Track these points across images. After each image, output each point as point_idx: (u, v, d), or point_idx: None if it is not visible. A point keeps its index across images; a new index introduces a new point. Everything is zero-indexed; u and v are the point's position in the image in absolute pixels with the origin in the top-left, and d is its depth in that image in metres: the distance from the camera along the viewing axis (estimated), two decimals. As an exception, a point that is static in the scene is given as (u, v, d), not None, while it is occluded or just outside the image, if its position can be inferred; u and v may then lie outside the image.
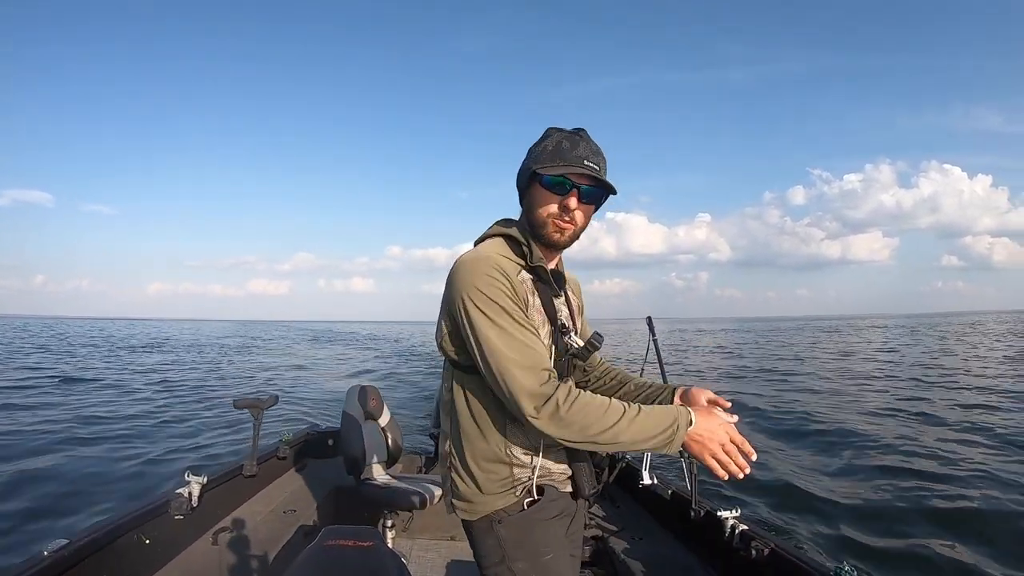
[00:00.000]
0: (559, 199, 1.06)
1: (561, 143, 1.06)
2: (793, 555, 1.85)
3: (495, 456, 1.07)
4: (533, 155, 1.09)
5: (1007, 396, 9.84)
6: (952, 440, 6.71)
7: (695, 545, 2.34)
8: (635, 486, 2.54)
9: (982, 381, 12.09)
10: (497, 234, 1.14)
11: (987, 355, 18.09)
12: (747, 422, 8.39)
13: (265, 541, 2.35)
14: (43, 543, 1.67)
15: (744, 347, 28.50)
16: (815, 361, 18.57)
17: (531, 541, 1.06)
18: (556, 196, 1.06)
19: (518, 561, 1.05)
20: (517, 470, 1.07)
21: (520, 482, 1.08)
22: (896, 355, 20.40)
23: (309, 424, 4.36)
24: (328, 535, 1.21)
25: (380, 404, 3.11)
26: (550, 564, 1.07)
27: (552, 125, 1.12)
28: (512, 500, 1.07)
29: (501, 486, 1.07)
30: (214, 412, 7.93)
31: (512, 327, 0.98)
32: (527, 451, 1.08)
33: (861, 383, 12.41)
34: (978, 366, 15.45)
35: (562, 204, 1.06)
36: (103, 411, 7.95)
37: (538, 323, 1.06)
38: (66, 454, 5.61)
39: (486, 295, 0.99)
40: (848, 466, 5.84)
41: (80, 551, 1.72)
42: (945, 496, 4.74)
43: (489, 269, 1.00)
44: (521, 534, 1.06)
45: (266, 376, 12.95)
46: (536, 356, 0.98)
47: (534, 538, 1.07)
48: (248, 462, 2.81)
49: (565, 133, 1.08)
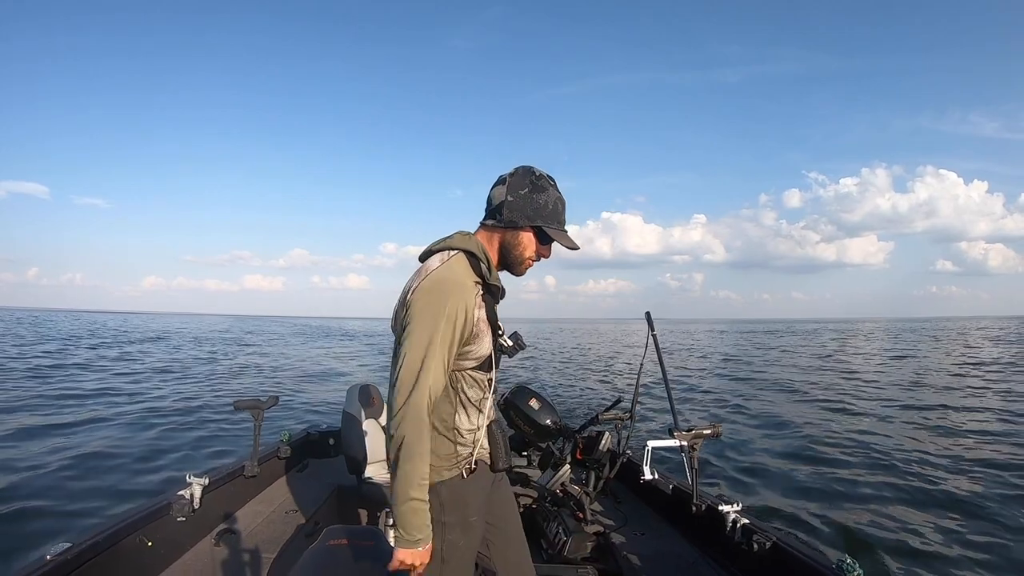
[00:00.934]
0: (542, 249, 1.36)
1: (557, 204, 1.33)
2: (795, 548, 1.85)
3: (443, 432, 1.31)
4: (533, 206, 1.31)
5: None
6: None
7: (697, 539, 2.35)
8: (636, 482, 2.54)
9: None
10: (461, 248, 1.31)
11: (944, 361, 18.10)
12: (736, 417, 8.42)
13: (267, 541, 2.35)
14: (45, 547, 1.67)
15: (724, 348, 28.49)
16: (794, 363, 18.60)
17: (463, 504, 1.33)
18: (542, 247, 1.35)
19: (451, 516, 1.31)
20: (460, 447, 1.33)
21: (462, 457, 1.33)
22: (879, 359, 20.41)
23: (309, 424, 4.37)
24: (330, 535, 1.21)
25: (380, 403, 3.11)
26: (474, 524, 1.36)
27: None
28: (456, 472, 1.33)
29: (447, 460, 1.31)
30: (214, 413, 7.92)
31: (441, 351, 1.20)
32: (469, 430, 1.34)
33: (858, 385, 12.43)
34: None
35: (540, 253, 1.36)
36: (103, 410, 7.94)
37: (483, 331, 1.30)
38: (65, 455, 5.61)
39: (441, 318, 1.19)
40: (852, 463, 5.87)
41: (82, 554, 1.72)
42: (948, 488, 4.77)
43: (457, 301, 1.22)
44: (457, 497, 1.32)
45: (265, 376, 12.94)
46: (439, 384, 1.21)
47: (466, 501, 1.34)
48: (249, 463, 2.81)
49: (557, 193, 1.34)
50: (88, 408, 8.22)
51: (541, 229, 1.31)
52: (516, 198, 1.30)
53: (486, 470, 1.40)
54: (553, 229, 1.31)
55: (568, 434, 2.94)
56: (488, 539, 1.45)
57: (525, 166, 1.34)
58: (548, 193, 1.31)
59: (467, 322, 1.24)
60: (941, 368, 15.74)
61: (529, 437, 3.22)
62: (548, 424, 3.05)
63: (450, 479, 1.32)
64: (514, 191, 1.30)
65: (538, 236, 1.32)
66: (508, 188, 1.30)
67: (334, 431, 3.61)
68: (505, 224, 1.31)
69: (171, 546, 2.15)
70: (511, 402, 3.17)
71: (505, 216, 1.30)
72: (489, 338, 1.32)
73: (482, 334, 1.29)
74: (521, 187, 1.30)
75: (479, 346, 1.29)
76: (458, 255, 1.29)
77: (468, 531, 1.34)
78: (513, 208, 1.30)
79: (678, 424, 2.28)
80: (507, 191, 1.30)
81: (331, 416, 7.13)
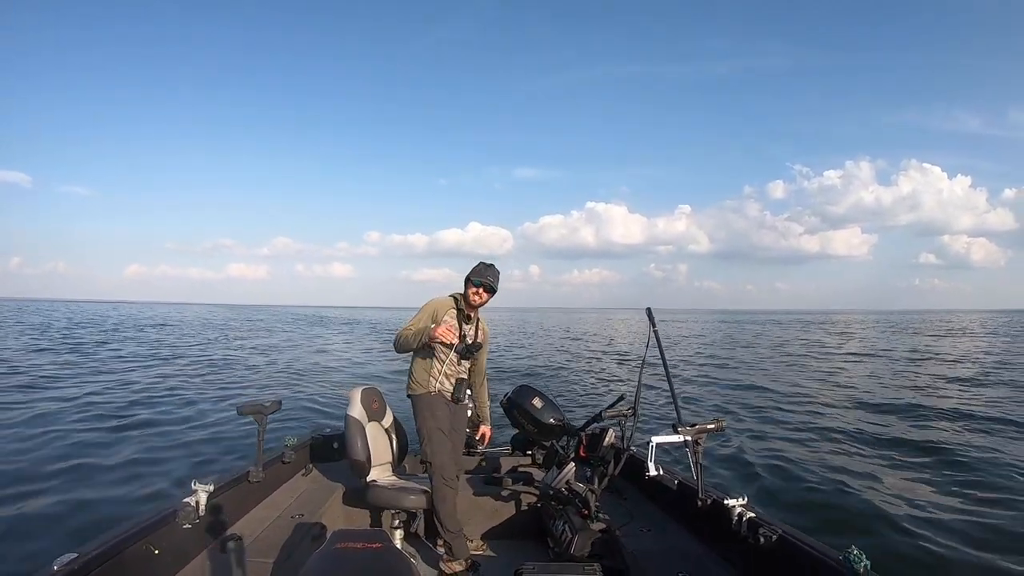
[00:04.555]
0: (473, 287, 2.87)
1: (479, 269, 2.88)
2: (802, 541, 1.85)
3: (423, 369, 2.88)
4: (469, 274, 2.89)
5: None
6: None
7: (703, 534, 2.35)
8: (641, 478, 2.54)
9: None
10: (453, 294, 2.96)
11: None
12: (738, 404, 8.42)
13: (274, 547, 2.35)
14: (51, 557, 1.67)
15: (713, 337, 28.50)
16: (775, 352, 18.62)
17: (432, 408, 2.84)
18: (474, 287, 2.87)
19: (426, 413, 2.84)
20: (431, 380, 2.86)
21: (432, 385, 2.85)
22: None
23: (313, 428, 4.36)
24: (336, 538, 1.21)
25: (383, 405, 3.11)
26: (440, 419, 2.84)
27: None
28: (426, 391, 2.85)
29: (422, 384, 2.86)
30: (217, 418, 7.91)
31: (415, 319, 2.86)
32: (438, 371, 2.86)
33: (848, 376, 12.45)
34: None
35: (474, 291, 2.87)
36: (98, 412, 7.93)
37: (450, 325, 2.79)
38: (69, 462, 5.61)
39: (423, 308, 2.90)
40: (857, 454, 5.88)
41: (89, 564, 1.72)
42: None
43: (431, 304, 2.90)
44: (427, 404, 2.84)
45: (265, 378, 12.93)
46: (410, 333, 2.79)
47: (433, 408, 2.84)
48: (254, 468, 2.81)
49: (482, 267, 2.89)
50: (88, 408, 8.21)
51: (469, 279, 2.89)
52: (470, 274, 2.91)
53: (446, 398, 2.88)
54: (472, 277, 2.86)
55: (572, 432, 2.94)
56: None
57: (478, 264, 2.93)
58: (477, 266, 2.90)
59: (434, 315, 2.83)
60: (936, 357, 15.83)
61: (533, 436, 3.22)
62: (551, 422, 3.05)
63: (424, 394, 2.85)
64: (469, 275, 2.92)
65: (472, 284, 2.87)
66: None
67: (338, 435, 3.61)
68: (464, 286, 2.91)
69: (178, 554, 2.15)
70: (514, 401, 3.17)
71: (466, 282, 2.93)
72: (457, 335, 2.81)
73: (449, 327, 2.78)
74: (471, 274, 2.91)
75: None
76: (452, 295, 2.97)
77: (435, 420, 2.81)
78: (467, 280, 2.92)
79: (681, 419, 2.28)
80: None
81: (334, 420, 7.13)
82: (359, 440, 2.81)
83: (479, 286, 2.83)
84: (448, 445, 2.83)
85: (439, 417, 2.82)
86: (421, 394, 2.84)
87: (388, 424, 3.10)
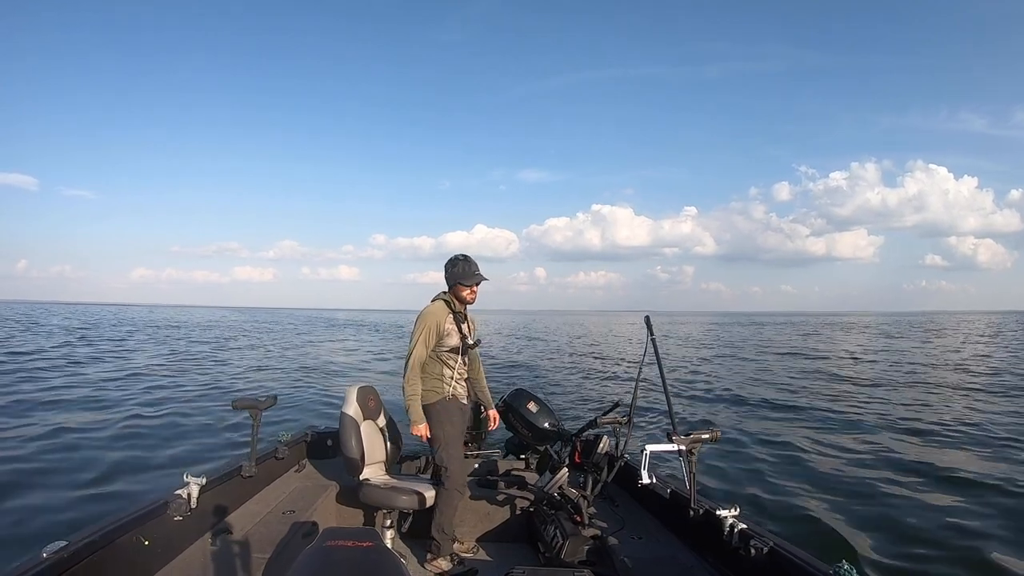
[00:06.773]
0: (465, 289, 2.90)
1: (463, 267, 2.89)
2: (792, 553, 1.85)
3: (434, 378, 2.87)
4: (455, 274, 2.90)
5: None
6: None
7: (694, 544, 2.34)
8: (634, 485, 2.54)
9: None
10: (440, 298, 2.94)
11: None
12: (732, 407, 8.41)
13: (264, 542, 2.35)
14: (40, 545, 1.67)
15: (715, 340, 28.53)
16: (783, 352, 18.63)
17: (447, 413, 2.85)
18: (465, 288, 2.89)
19: (441, 419, 2.84)
20: (444, 386, 2.87)
21: (444, 391, 2.86)
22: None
23: (307, 425, 4.36)
24: (327, 536, 1.21)
25: (378, 404, 3.11)
26: (455, 423, 2.87)
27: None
28: (440, 398, 2.85)
29: (435, 393, 2.86)
30: (212, 413, 7.90)
31: (423, 340, 2.82)
32: (449, 378, 2.88)
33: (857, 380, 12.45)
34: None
35: (468, 292, 2.91)
36: (99, 411, 7.93)
37: (451, 332, 2.86)
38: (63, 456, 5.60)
39: (423, 327, 2.84)
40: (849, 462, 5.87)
41: (78, 552, 1.72)
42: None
43: (430, 317, 2.85)
44: (441, 410, 2.85)
45: (262, 376, 12.92)
46: (422, 355, 2.83)
47: (448, 412, 2.85)
48: (247, 463, 2.81)
49: (463, 260, 2.89)
50: (84, 406, 8.20)
51: (459, 281, 2.88)
52: (447, 274, 2.93)
53: (459, 401, 2.92)
54: (464, 279, 2.87)
55: (566, 437, 2.94)
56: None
57: (451, 257, 2.91)
58: (457, 265, 2.89)
59: (438, 328, 2.83)
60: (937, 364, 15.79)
61: (527, 440, 3.22)
62: (546, 427, 3.05)
63: (438, 401, 2.85)
64: (446, 271, 2.93)
65: (464, 284, 2.88)
66: (445, 272, 2.94)
67: (332, 432, 3.60)
68: (449, 287, 2.93)
69: (168, 545, 2.15)
70: (509, 405, 3.17)
71: (448, 283, 2.93)
72: (456, 336, 2.89)
73: (451, 334, 2.87)
74: (447, 268, 2.92)
75: (448, 340, 2.87)
76: (440, 299, 2.94)
77: (452, 427, 2.84)
78: (447, 279, 2.93)
79: (676, 428, 2.28)
80: (444, 274, 2.94)
81: (329, 417, 7.12)
82: (353, 438, 2.81)
83: (476, 284, 2.86)
84: (463, 452, 2.93)
85: (456, 423, 2.86)
86: (436, 401, 2.83)
87: (383, 423, 3.10)
